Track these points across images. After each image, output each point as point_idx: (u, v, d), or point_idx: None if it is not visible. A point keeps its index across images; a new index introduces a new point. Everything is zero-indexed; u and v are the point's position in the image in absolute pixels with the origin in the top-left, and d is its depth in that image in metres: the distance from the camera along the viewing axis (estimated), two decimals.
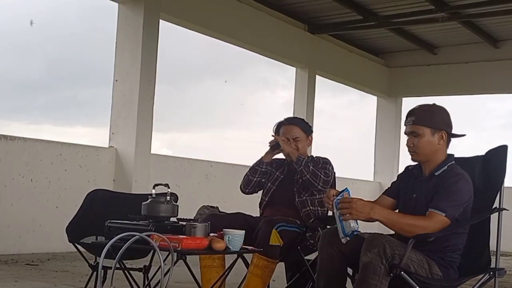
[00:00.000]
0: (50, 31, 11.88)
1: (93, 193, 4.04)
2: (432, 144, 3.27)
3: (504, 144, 3.44)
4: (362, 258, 2.98)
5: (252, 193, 4.44)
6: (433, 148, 3.28)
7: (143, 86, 8.06)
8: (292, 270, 4.23)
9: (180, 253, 2.99)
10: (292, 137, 4.29)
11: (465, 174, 3.26)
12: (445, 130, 3.29)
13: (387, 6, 10.34)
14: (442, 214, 3.10)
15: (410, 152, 3.34)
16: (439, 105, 3.41)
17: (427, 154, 3.29)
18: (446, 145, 3.33)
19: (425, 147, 3.27)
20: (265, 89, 15.83)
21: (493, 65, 12.32)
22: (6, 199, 6.99)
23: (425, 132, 3.26)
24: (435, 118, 3.30)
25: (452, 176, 3.21)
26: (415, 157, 3.34)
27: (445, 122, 3.32)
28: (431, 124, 3.27)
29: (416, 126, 3.28)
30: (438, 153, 3.30)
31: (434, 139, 3.27)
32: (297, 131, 4.32)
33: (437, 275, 3.16)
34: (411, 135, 3.30)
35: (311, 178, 4.11)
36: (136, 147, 8.02)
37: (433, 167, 3.31)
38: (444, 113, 3.36)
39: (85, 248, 3.87)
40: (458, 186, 3.18)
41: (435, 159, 3.30)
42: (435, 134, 3.27)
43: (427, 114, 3.30)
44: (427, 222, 3.09)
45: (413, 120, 3.29)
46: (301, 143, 4.30)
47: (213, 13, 9.41)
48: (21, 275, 5.54)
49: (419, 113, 3.30)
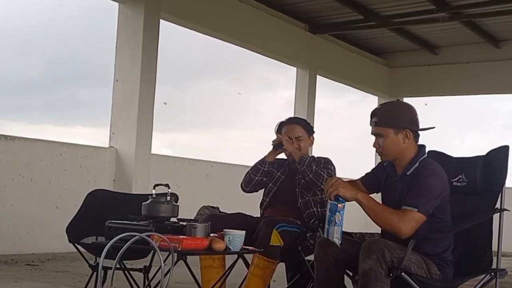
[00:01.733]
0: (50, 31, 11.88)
1: (93, 193, 4.03)
2: (397, 143, 3.24)
3: (506, 145, 3.42)
4: (362, 265, 2.96)
5: (253, 191, 4.43)
6: (399, 147, 3.25)
7: (143, 86, 8.05)
8: (293, 270, 4.22)
9: (181, 253, 2.98)
10: (295, 137, 4.29)
11: (436, 168, 3.23)
12: (409, 128, 3.24)
13: (388, 6, 10.33)
14: (414, 210, 3.08)
15: (377, 152, 3.33)
16: (402, 102, 3.40)
17: (394, 154, 3.27)
18: (414, 141, 3.29)
19: (391, 148, 3.25)
20: (266, 89, 15.82)
21: (494, 65, 12.31)
22: (6, 199, 6.98)
23: (388, 133, 3.23)
24: (397, 117, 3.25)
25: (423, 172, 3.19)
26: (383, 158, 3.34)
27: (409, 120, 3.26)
28: (393, 124, 3.23)
29: (378, 127, 3.25)
30: (406, 152, 3.26)
31: (399, 139, 3.23)
32: (300, 130, 4.32)
33: (436, 275, 3.16)
34: (376, 136, 3.28)
35: (314, 178, 4.10)
36: (136, 147, 8.01)
37: (404, 166, 3.28)
38: (407, 111, 3.30)
39: (85, 248, 3.86)
40: (429, 181, 3.15)
41: (404, 157, 3.27)
42: (399, 134, 3.23)
43: (388, 114, 3.26)
44: (400, 217, 3.08)
45: (375, 121, 3.26)
46: (303, 143, 4.29)
47: (213, 13, 9.40)
48: (21, 276, 5.53)
49: (381, 114, 3.27)
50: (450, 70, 12.86)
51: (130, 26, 8.14)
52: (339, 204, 3.08)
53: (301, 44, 11.16)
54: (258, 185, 4.37)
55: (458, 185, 3.52)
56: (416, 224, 3.08)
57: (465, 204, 3.49)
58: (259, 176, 4.33)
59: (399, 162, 3.30)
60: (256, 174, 4.33)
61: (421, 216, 3.09)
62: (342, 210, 3.08)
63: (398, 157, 3.28)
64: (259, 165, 4.33)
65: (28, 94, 12.70)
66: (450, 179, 3.55)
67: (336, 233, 3.08)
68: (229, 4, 9.68)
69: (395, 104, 3.39)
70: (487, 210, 3.37)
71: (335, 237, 3.08)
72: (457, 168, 3.55)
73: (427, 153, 3.58)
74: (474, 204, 3.47)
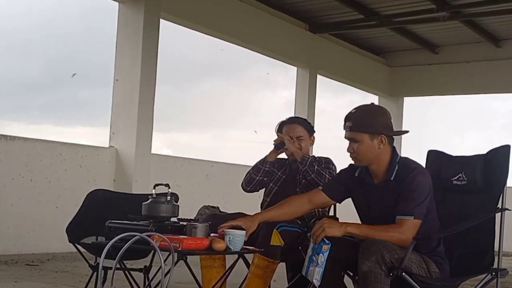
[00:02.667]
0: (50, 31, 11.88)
1: (93, 193, 4.03)
2: (373, 149, 3.17)
3: (507, 144, 3.42)
4: (361, 266, 2.94)
5: (253, 191, 4.42)
6: (374, 153, 3.18)
7: (144, 86, 8.04)
8: (293, 270, 4.21)
9: (181, 253, 2.97)
10: (296, 136, 4.27)
11: (419, 167, 3.20)
12: (384, 133, 3.17)
13: (388, 5, 10.32)
14: (410, 218, 3.06)
15: (351, 157, 3.26)
16: (377, 106, 3.31)
17: (369, 159, 3.21)
18: (389, 145, 3.22)
19: (365, 153, 3.18)
20: (266, 89, 15.83)
21: (495, 64, 12.29)
22: (6, 199, 6.97)
23: (363, 138, 3.16)
24: (372, 122, 3.17)
25: (408, 174, 3.14)
26: (357, 163, 3.26)
27: (384, 125, 3.20)
28: (368, 129, 3.16)
29: (353, 132, 3.18)
30: (381, 156, 3.19)
31: (374, 144, 3.16)
32: (300, 130, 4.30)
33: (436, 273, 3.16)
34: (350, 141, 3.20)
35: (316, 177, 4.08)
36: (137, 147, 8.00)
37: (382, 171, 3.22)
38: (382, 115, 3.23)
39: (85, 248, 3.86)
40: (416, 182, 3.11)
41: (379, 163, 3.21)
42: (374, 139, 3.16)
43: (364, 119, 3.18)
44: (399, 229, 3.05)
45: (349, 126, 3.18)
46: (304, 142, 4.28)
47: (213, 12, 9.39)
48: (21, 276, 5.52)
49: (356, 118, 3.18)
50: (450, 70, 12.85)
51: (130, 26, 8.13)
52: (324, 246, 3.04)
53: (302, 43, 11.15)
54: (259, 184, 4.36)
55: (458, 183, 3.51)
56: (415, 230, 3.07)
57: (465, 203, 3.49)
58: (260, 176, 4.32)
59: (375, 168, 3.23)
60: (257, 174, 4.32)
61: (418, 221, 3.09)
62: (326, 251, 3.03)
63: (373, 162, 3.22)
64: (260, 164, 4.32)
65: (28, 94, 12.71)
66: (450, 178, 3.55)
67: (316, 274, 3.03)
68: (229, 4, 9.68)
69: (370, 108, 3.26)
70: (488, 209, 3.37)
71: (314, 278, 3.03)
72: (457, 167, 3.55)
73: (427, 153, 3.58)
74: (474, 203, 3.46)
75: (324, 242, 3.04)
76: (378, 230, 3.06)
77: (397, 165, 3.19)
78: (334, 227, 3.07)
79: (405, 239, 3.01)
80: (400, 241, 3.02)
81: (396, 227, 3.06)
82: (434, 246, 3.21)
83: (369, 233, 3.05)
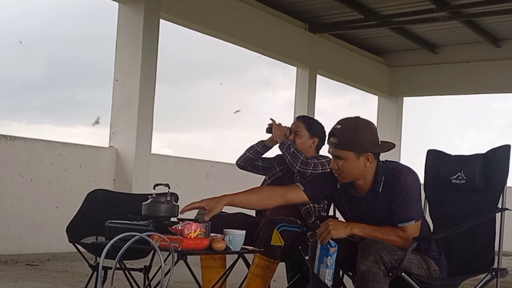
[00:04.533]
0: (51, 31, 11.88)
1: (93, 193, 4.03)
2: (358, 167, 3.07)
3: (507, 144, 3.42)
4: (360, 266, 2.94)
5: (243, 168, 4.48)
6: (359, 170, 3.08)
7: (143, 86, 8.04)
8: (293, 270, 4.22)
9: (181, 253, 2.97)
10: (293, 130, 4.31)
11: (404, 167, 3.14)
12: (371, 151, 3.06)
13: (388, 5, 10.33)
14: (412, 223, 3.05)
15: (335, 174, 3.16)
16: (362, 122, 3.13)
17: (354, 176, 3.11)
18: (375, 160, 3.11)
19: (351, 171, 3.08)
20: (266, 89, 15.83)
21: (494, 64, 12.30)
22: (6, 199, 6.98)
23: (349, 156, 3.05)
24: (358, 140, 3.05)
25: (397, 179, 3.07)
26: (342, 180, 3.16)
27: (371, 142, 3.07)
28: (354, 148, 3.04)
29: (338, 150, 3.07)
30: (368, 172, 3.10)
31: (360, 162, 3.06)
32: (301, 126, 4.31)
33: (435, 271, 3.16)
34: (335, 158, 3.11)
35: (291, 159, 4.11)
36: (136, 147, 8.00)
37: (369, 184, 3.13)
38: (369, 131, 3.09)
39: (85, 248, 3.86)
40: (407, 185, 3.06)
41: (365, 179, 3.12)
42: (360, 157, 3.06)
43: (350, 137, 3.05)
44: (402, 235, 3.04)
45: (335, 143, 3.08)
46: (300, 139, 4.27)
47: (213, 12, 9.39)
48: (21, 275, 5.52)
49: (341, 135, 3.06)
50: (450, 70, 12.85)
51: (130, 26, 8.13)
52: (331, 248, 3.03)
53: (301, 43, 11.15)
54: (249, 163, 4.43)
55: (457, 182, 3.52)
56: (418, 231, 3.08)
57: (465, 202, 3.50)
58: (251, 153, 4.41)
59: (361, 183, 3.15)
60: (249, 151, 4.42)
61: (419, 222, 3.09)
62: (334, 254, 3.02)
63: (359, 178, 3.14)
64: (255, 144, 4.42)
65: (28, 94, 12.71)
66: (449, 177, 3.55)
67: (328, 275, 3.03)
68: (229, 4, 9.68)
69: (357, 124, 3.10)
70: (487, 209, 3.37)
71: (326, 279, 3.04)
72: (456, 165, 3.55)
73: (427, 152, 3.58)
74: (473, 202, 3.47)
75: (330, 245, 3.03)
76: (383, 233, 3.05)
77: (383, 176, 3.12)
78: (339, 229, 3.06)
79: (408, 244, 3.01)
80: (405, 245, 3.01)
81: (400, 233, 3.05)
82: (428, 241, 3.21)
83: (373, 235, 3.05)
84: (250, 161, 4.44)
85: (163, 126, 11.24)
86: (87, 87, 12.60)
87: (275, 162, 4.39)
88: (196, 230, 3.03)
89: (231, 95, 14.23)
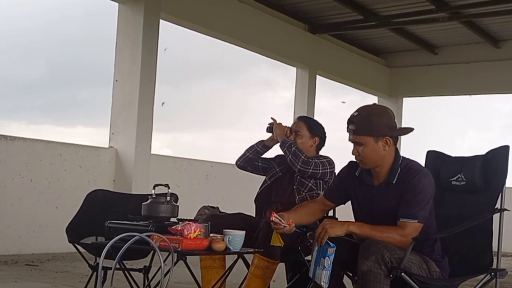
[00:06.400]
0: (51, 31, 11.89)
1: (93, 194, 4.03)
2: (378, 151, 3.14)
3: (506, 145, 3.43)
4: (361, 266, 2.95)
5: (243, 168, 4.49)
6: (379, 155, 3.15)
7: (143, 86, 8.04)
8: (293, 270, 4.22)
9: (180, 253, 2.98)
10: (294, 130, 4.33)
11: (422, 169, 3.19)
12: (388, 135, 3.14)
13: (387, 6, 10.33)
14: (414, 221, 3.06)
15: (357, 160, 3.23)
16: (379, 107, 3.27)
17: (374, 161, 3.18)
18: (394, 146, 3.20)
19: (371, 156, 3.15)
20: (266, 89, 15.84)
21: (494, 65, 12.30)
22: (6, 199, 6.98)
23: (367, 141, 3.13)
24: (375, 125, 3.13)
25: (413, 177, 3.11)
26: (363, 166, 3.23)
27: (388, 126, 3.15)
28: (372, 132, 3.12)
29: (357, 136, 3.15)
30: (387, 158, 3.17)
31: (379, 147, 3.14)
32: (301, 126, 4.34)
33: (436, 273, 3.16)
34: (355, 144, 3.18)
35: (292, 158, 4.12)
36: (136, 147, 8.01)
37: (385, 174, 3.19)
38: (385, 116, 3.18)
39: (85, 249, 3.86)
40: (421, 185, 3.10)
41: (384, 164, 3.19)
42: (378, 142, 3.13)
43: (367, 122, 3.13)
44: (402, 232, 3.04)
45: (353, 129, 3.15)
46: (300, 139, 4.29)
47: (213, 13, 9.40)
48: (21, 276, 5.53)
49: (359, 121, 3.14)
50: (450, 70, 12.85)
51: (130, 26, 8.13)
52: (329, 249, 3.02)
53: (301, 44, 11.16)
54: (249, 163, 4.43)
55: (457, 184, 3.52)
56: (417, 233, 3.07)
57: (464, 203, 3.50)
58: (251, 153, 4.41)
59: (379, 170, 3.21)
60: (249, 151, 4.43)
61: (420, 225, 3.09)
62: (332, 255, 3.02)
63: (378, 164, 3.19)
64: (255, 144, 4.43)
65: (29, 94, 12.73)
66: (449, 178, 3.56)
67: (324, 277, 3.02)
68: (229, 4, 9.68)
69: (373, 109, 3.21)
70: (487, 209, 3.37)
71: (322, 281, 3.02)
72: (456, 167, 3.55)
73: (427, 153, 3.58)
74: (473, 204, 3.47)
75: (328, 245, 3.03)
76: (379, 230, 3.06)
77: (399, 168, 3.17)
78: (336, 227, 3.07)
79: (406, 242, 3.01)
80: (401, 243, 3.02)
81: (398, 229, 3.06)
82: (432, 244, 3.21)
83: (370, 233, 3.05)
84: (250, 161, 4.44)
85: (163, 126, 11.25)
86: (87, 87, 12.63)
87: (275, 162, 4.40)
88: (195, 231, 3.03)
89: (231, 95, 14.24)
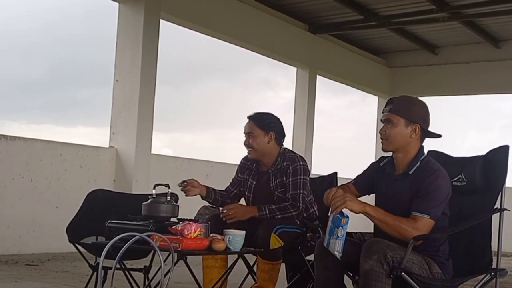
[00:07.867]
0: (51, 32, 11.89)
1: (93, 193, 4.03)
2: (404, 135, 3.23)
3: (506, 145, 3.43)
4: (363, 265, 2.95)
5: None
6: (404, 140, 3.24)
7: (144, 86, 8.04)
8: (293, 270, 4.22)
9: (181, 253, 2.98)
10: (245, 132, 4.12)
11: (441, 169, 3.22)
12: (420, 124, 3.24)
13: (388, 6, 10.33)
14: (426, 216, 3.07)
15: (381, 139, 3.31)
16: (421, 100, 3.37)
17: (398, 145, 3.25)
18: (420, 140, 3.28)
19: (396, 137, 3.24)
20: (267, 89, 15.84)
21: (494, 65, 12.31)
22: (6, 199, 6.98)
23: (399, 122, 3.23)
24: (412, 110, 3.25)
25: (430, 174, 3.16)
26: (385, 146, 3.30)
27: (422, 117, 3.27)
28: (406, 115, 3.23)
29: (391, 114, 3.25)
30: (410, 146, 3.25)
31: (407, 131, 3.23)
32: (251, 126, 4.08)
33: (438, 274, 3.16)
34: (386, 122, 3.28)
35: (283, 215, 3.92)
36: (137, 147, 8.01)
37: (405, 163, 3.26)
38: (424, 109, 3.31)
39: (85, 249, 3.86)
40: (437, 184, 3.14)
41: (406, 153, 3.26)
42: (408, 126, 3.23)
43: (405, 104, 3.27)
44: (412, 224, 3.06)
45: (390, 108, 3.27)
46: (256, 140, 4.06)
47: (213, 12, 9.40)
48: (21, 276, 5.53)
49: (397, 102, 3.28)
50: (450, 70, 12.86)
51: (130, 26, 8.13)
52: (343, 219, 3.03)
53: (301, 44, 11.16)
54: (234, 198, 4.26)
55: (458, 185, 3.52)
56: (427, 230, 3.08)
57: (465, 204, 3.50)
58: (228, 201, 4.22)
59: (400, 157, 3.27)
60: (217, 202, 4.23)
61: (432, 222, 3.09)
62: (345, 225, 3.03)
63: (400, 151, 3.26)
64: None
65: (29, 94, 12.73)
66: (450, 179, 3.56)
67: (338, 247, 3.04)
68: (229, 4, 9.68)
69: (413, 98, 3.36)
70: (487, 210, 3.37)
71: (336, 250, 3.04)
72: (457, 168, 3.55)
73: (427, 152, 3.58)
74: (474, 204, 3.47)
75: (342, 215, 3.04)
76: (393, 218, 3.08)
77: (420, 162, 3.23)
78: (355, 203, 3.08)
79: (413, 235, 3.01)
80: (409, 235, 3.02)
81: (411, 222, 3.07)
82: (438, 245, 3.22)
83: (383, 219, 3.08)
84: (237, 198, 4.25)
85: (163, 126, 11.26)
86: (87, 87, 12.63)
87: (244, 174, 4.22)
88: (196, 230, 3.04)
89: (232, 95, 14.24)
